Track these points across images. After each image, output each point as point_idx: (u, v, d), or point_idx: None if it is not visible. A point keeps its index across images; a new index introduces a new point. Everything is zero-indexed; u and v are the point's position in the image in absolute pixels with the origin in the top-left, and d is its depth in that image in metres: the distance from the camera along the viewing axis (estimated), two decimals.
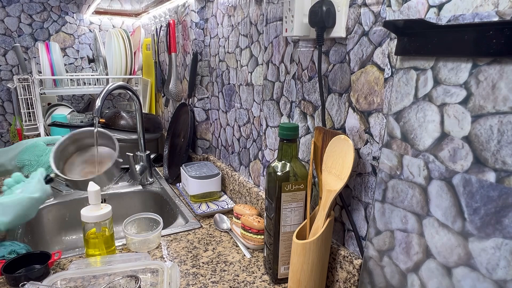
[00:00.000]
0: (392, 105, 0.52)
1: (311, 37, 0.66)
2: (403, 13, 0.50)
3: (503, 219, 0.39)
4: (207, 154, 1.29)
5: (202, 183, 1.04)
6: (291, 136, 0.65)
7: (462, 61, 0.42)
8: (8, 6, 1.66)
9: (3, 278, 0.69)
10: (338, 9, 0.60)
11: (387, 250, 0.54)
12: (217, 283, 0.71)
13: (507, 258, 0.39)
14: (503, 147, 0.39)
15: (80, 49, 1.85)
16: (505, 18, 0.38)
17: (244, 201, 1.01)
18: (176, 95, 1.32)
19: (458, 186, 0.44)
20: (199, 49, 1.20)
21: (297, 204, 0.67)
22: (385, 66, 0.54)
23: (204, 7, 1.18)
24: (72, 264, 0.70)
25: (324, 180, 0.63)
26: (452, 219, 0.45)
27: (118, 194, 1.17)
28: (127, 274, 0.65)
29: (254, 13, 0.89)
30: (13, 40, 1.70)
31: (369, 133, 0.59)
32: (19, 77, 1.41)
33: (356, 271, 0.62)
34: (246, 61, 0.96)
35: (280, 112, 0.83)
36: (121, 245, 0.84)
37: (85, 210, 0.75)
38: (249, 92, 0.96)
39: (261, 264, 0.78)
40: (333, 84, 0.65)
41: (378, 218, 0.55)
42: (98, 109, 0.98)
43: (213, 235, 0.90)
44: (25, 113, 1.47)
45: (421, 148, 0.48)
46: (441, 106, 0.45)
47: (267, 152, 0.91)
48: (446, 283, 0.46)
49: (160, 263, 0.67)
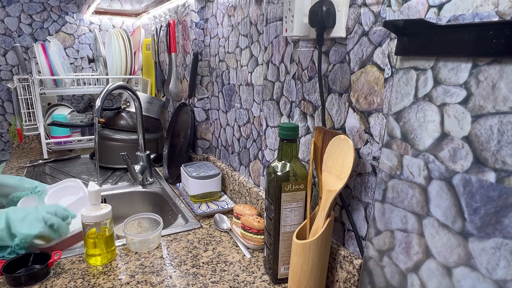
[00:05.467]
0: (392, 105, 0.52)
1: (311, 37, 0.66)
2: (403, 13, 0.50)
3: (503, 219, 0.39)
4: (207, 154, 1.29)
5: (202, 183, 1.04)
6: (291, 136, 0.65)
7: (462, 61, 0.42)
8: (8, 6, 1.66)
9: (3, 278, 0.69)
10: (338, 9, 0.60)
11: (387, 250, 0.54)
12: (217, 283, 0.71)
13: (507, 258, 0.39)
14: (503, 147, 0.39)
15: (80, 49, 1.85)
16: (505, 18, 0.38)
17: (244, 201, 1.01)
18: (176, 95, 1.32)
19: (458, 186, 0.44)
20: (199, 49, 1.20)
21: (297, 204, 0.67)
22: (385, 66, 0.54)
23: (204, 7, 1.18)
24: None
25: (324, 180, 0.63)
26: (452, 219, 0.45)
27: (118, 194, 1.18)
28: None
29: (254, 13, 0.89)
30: (13, 40, 1.70)
31: (369, 133, 0.59)
32: (19, 77, 1.41)
33: (356, 271, 0.62)
34: (246, 61, 0.96)
35: (280, 112, 0.83)
36: (121, 245, 0.84)
37: (85, 210, 0.75)
38: (249, 92, 0.96)
39: (261, 264, 0.78)
40: (333, 84, 0.65)
41: (378, 218, 0.55)
42: (98, 109, 0.98)
43: (213, 235, 0.90)
44: (25, 113, 1.47)
45: (421, 148, 0.48)
46: (441, 106, 0.45)
47: (267, 152, 0.91)
48: (446, 283, 0.46)
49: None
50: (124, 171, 1.36)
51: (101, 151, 1.36)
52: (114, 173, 1.34)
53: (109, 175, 1.32)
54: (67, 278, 0.71)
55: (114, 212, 0.79)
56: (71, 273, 0.73)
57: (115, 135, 1.35)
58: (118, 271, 0.74)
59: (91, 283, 0.70)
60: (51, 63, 1.46)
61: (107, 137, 1.35)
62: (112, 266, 0.76)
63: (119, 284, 0.70)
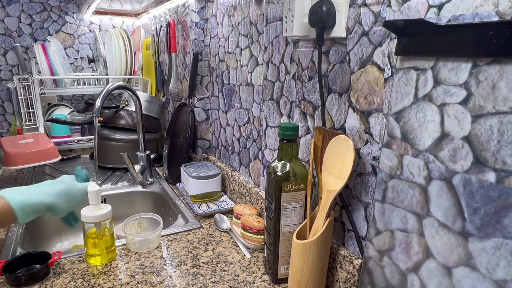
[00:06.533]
0: (392, 105, 0.52)
1: (311, 37, 0.66)
2: (403, 13, 0.50)
3: (503, 219, 0.39)
4: (207, 154, 1.29)
5: (202, 183, 1.04)
6: (291, 136, 0.65)
7: (462, 61, 0.42)
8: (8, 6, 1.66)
9: (3, 278, 0.69)
10: (338, 9, 0.60)
11: (387, 250, 0.54)
12: (217, 283, 0.71)
13: (507, 258, 0.39)
14: (503, 147, 0.39)
15: (80, 49, 1.85)
16: (505, 18, 0.38)
17: (244, 201, 1.01)
18: (176, 95, 1.32)
19: (458, 186, 0.44)
20: (199, 49, 1.20)
21: (297, 204, 0.67)
22: (385, 66, 0.54)
23: (204, 7, 1.18)
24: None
25: (324, 180, 0.63)
26: (452, 219, 0.45)
27: (118, 194, 1.18)
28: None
29: (254, 13, 0.89)
30: (13, 40, 1.70)
31: (369, 133, 0.59)
32: (19, 77, 1.41)
33: (356, 271, 0.62)
34: (246, 61, 0.96)
35: (280, 112, 0.83)
36: (121, 245, 0.84)
37: (85, 210, 0.75)
38: (249, 92, 0.96)
39: (261, 264, 0.78)
40: (333, 84, 0.65)
41: (378, 218, 0.55)
42: (98, 109, 0.98)
43: (213, 235, 0.90)
44: (25, 113, 1.47)
45: (421, 148, 0.48)
46: (441, 106, 0.45)
47: (267, 152, 0.91)
48: (446, 283, 0.46)
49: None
50: (124, 171, 1.36)
51: (101, 151, 1.36)
52: (114, 173, 1.34)
53: (109, 175, 1.32)
54: (67, 278, 0.71)
55: (114, 212, 0.79)
56: (71, 273, 0.73)
57: (115, 135, 1.35)
58: (118, 271, 0.74)
59: (91, 283, 0.70)
60: (51, 63, 1.46)
61: (107, 137, 1.35)
62: (112, 266, 0.76)
63: (119, 284, 0.70)
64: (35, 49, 1.45)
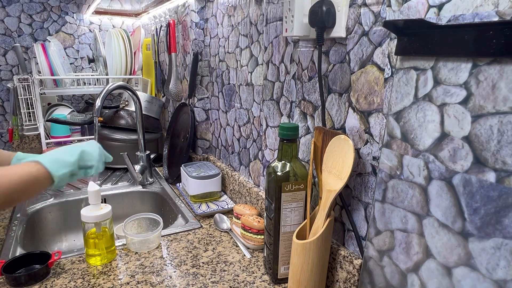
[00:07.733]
0: (392, 105, 0.52)
1: (311, 37, 0.66)
2: (403, 13, 0.50)
3: (503, 219, 0.39)
4: (207, 154, 1.29)
5: (202, 183, 1.04)
6: (291, 136, 0.65)
7: (462, 61, 0.42)
8: (8, 6, 1.66)
9: (3, 278, 0.69)
10: (338, 9, 0.60)
11: (387, 250, 0.54)
12: (217, 283, 0.71)
13: (507, 258, 0.39)
14: (503, 147, 0.39)
15: (80, 49, 1.85)
16: (505, 18, 0.38)
17: (244, 201, 1.01)
18: (176, 95, 1.32)
19: (458, 186, 0.44)
20: (199, 49, 1.20)
21: (297, 204, 0.67)
22: (385, 66, 0.54)
23: (204, 7, 1.18)
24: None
25: (324, 180, 0.63)
26: (452, 219, 0.45)
27: (118, 194, 1.18)
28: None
29: (254, 13, 0.89)
30: (13, 40, 1.70)
31: (369, 133, 0.59)
32: (19, 77, 1.41)
33: (356, 271, 0.62)
34: (246, 61, 0.96)
35: (280, 112, 0.83)
36: (121, 245, 0.84)
37: (85, 210, 0.75)
38: (249, 92, 0.96)
39: (261, 264, 0.78)
40: (333, 84, 0.65)
41: (378, 218, 0.55)
42: (98, 109, 0.98)
43: (213, 235, 0.90)
44: (25, 113, 1.47)
45: (421, 148, 0.48)
46: (441, 106, 0.45)
47: (267, 152, 0.91)
48: (446, 283, 0.46)
49: None
50: (124, 171, 1.36)
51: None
52: (114, 173, 1.34)
53: (109, 175, 1.32)
54: (67, 278, 0.71)
55: (114, 212, 0.79)
56: (71, 273, 0.73)
57: (115, 135, 1.35)
58: (118, 271, 0.74)
59: (91, 283, 0.70)
60: (51, 63, 1.46)
61: (107, 137, 1.35)
62: (112, 266, 0.76)
63: (119, 284, 0.70)
64: (35, 49, 1.44)
